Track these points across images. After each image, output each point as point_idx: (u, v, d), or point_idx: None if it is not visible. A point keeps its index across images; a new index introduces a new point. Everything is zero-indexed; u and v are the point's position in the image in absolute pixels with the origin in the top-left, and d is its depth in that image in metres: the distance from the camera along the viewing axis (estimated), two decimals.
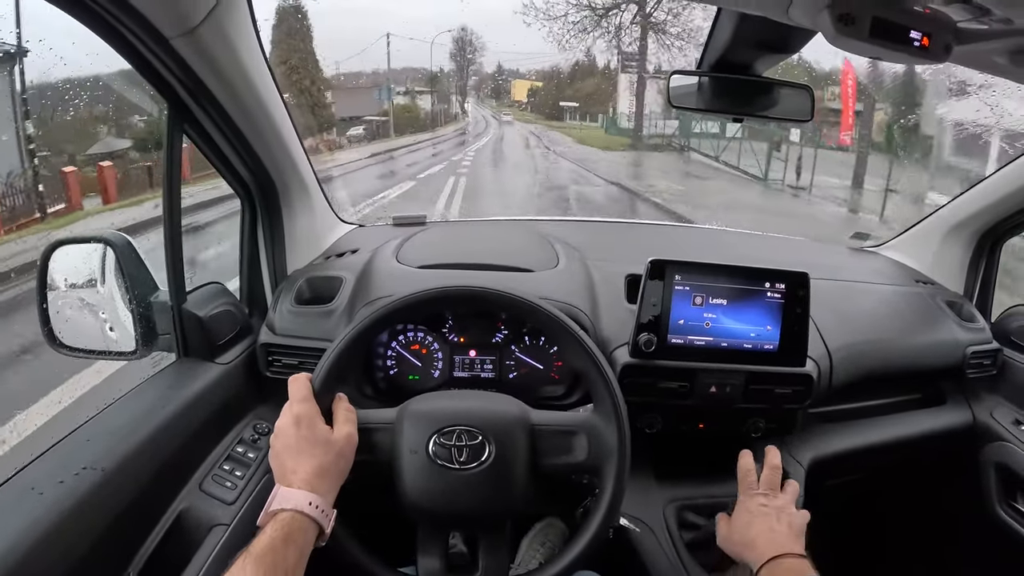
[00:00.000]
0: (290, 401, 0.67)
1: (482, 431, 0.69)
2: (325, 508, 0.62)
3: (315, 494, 0.61)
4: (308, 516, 0.60)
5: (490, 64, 33.08)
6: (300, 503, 0.60)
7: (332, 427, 0.67)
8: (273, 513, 0.59)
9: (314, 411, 0.67)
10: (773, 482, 0.82)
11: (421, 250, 1.12)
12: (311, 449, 0.64)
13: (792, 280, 0.90)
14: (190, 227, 3.10)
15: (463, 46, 30.10)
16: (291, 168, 1.04)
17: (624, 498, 0.71)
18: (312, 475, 0.62)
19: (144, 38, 0.69)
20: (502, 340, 1.02)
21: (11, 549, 0.56)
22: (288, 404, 0.67)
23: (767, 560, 0.72)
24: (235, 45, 0.78)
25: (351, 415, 0.70)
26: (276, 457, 0.65)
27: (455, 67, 30.69)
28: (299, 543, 0.58)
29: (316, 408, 0.67)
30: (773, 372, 0.92)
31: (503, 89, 34.67)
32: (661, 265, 0.89)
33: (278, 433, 0.66)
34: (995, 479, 1.13)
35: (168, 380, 0.87)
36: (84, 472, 0.66)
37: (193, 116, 0.84)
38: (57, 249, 0.89)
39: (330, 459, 0.64)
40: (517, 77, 33.43)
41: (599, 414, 0.73)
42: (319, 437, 0.65)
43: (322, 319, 0.98)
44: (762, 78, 0.92)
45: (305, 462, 0.63)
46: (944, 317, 1.17)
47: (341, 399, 0.71)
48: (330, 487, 0.64)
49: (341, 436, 0.67)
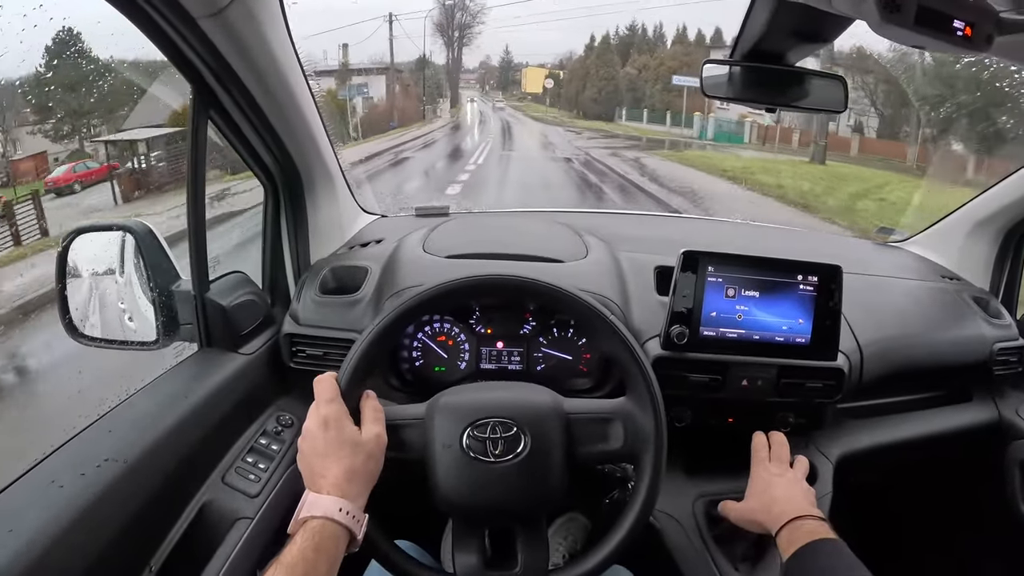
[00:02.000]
0: (316, 402, 0.66)
1: (516, 422, 0.68)
2: (356, 513, 0.60)
3: (345, 499, 0.60)
4: (339, 523, 0.58)
5: (492, 47, 30.68)
6: (330, 510, 0.58)
7: (360, 427, 0.66)
8: (303, 521, 0.58)
9: (342, 412, 0.65)
10: (783, 456, 0.85)
11: (448, 240, 1.10)
12: (339, 451, 0.62)
13: (825, 273, 0.89)
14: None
15: (451, 15, 23.14)
16: (316, 156, 1.02)
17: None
18: (342, 479, 0.61)
19: (171, 18, 0.68)
20: (530, 332, 1.00)
21: (31, 544, 0.54)
22: (315, 405, 0.66)
23: (787, 521, 0.72)
24: (263, 27, 0.76)
25: (379, 414, 0.68)
26: (304, 460, 0.64)
27: (445, 44, 24.02)
28: (330, 552, 0.57)
29: (344, 408, 0.65)
30: (805, 366, 0.91)
31: (511, 80, 30.00)
32: (694, 256, 0.88)
33: (305, 436, 0.64)
34: (1020, 477, 1.12)
35: (191, 370, 0.86)
36: (106, 464, 0.65)
37: (219, 102, 0.83)
38: (78, 237, 0.88)
39: (359, 461, 0.63)
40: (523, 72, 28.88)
41: (634, 401, 0.72)
42: (347, 439, 0.63)
43: (348, 309, 0.97)
44: (795, 68, 0.91)
45: (333, 465, 0.62)
46: (971, 313, 1.16)
47: (369, 397, 0.69)
48: (360, 490, 0.62)
49: (370, 437, 0.65)
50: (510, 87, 30.35)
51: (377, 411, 0.68)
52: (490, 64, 29.98)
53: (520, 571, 0.68)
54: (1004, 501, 1.13)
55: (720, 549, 0.88)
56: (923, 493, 1.37)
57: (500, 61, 31.03)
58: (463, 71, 30.46)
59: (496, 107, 24.66)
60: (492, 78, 30.12)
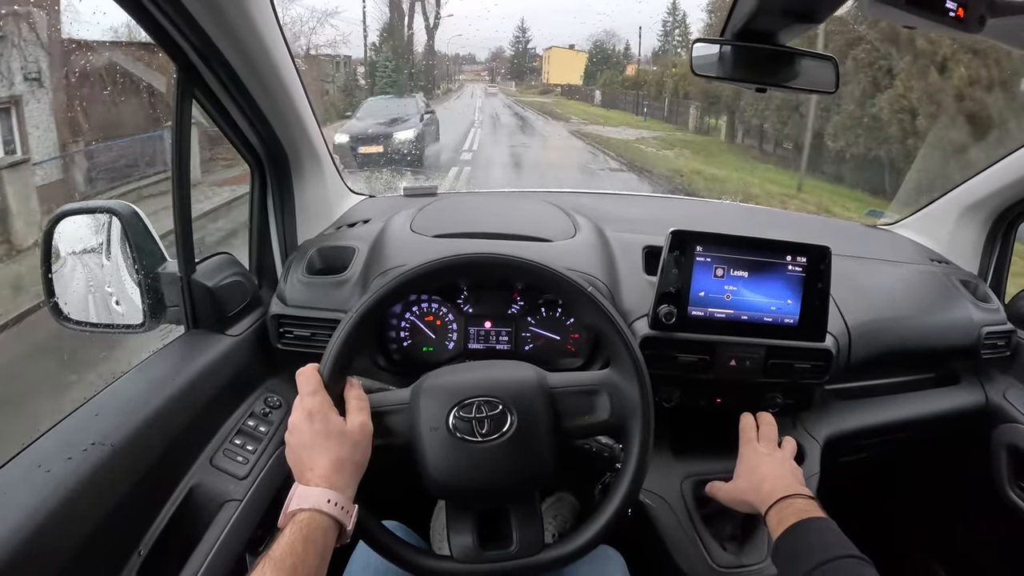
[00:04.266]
0: (300, 396, 0.65)
1: (502, 400, 0.68)
2: (345, 504, 0.60)
3: (333, 491, 0.59)
4: (328, 515, 0.58)
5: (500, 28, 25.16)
6: (318, 502, 0.58)
7: (345, 417, 0.65)
8: (292, 514, 0.58)
9: (326, 403, 0.65)
10: (771, 436, 0.85)
11: (435, 219, 1.09)
12: (325, 443, 0.62)
13: (814, 254, 0.89)
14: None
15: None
16: (302, 135, 1.01)
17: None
18: (330, 470, 0.61)
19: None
20: (518, 311, 1.00)
21: (18, 529, 0.54)
22: (299, 399, 0.65)
23: (776, 501, 0.72)
24: (247, 4, 0.75)
25: (363, 403, 0.67)
26: (292, 454, 0.64)
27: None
28: (319, 544, 0.56)
29: (327, 400, 0.65)
30: (793, 347, 0.91)
31: (527, 68, 21.37)
32: (683, 236, 0.87)
33: (291, 430, 0.64)
34: (1006, 461, 1.12)
35: (177, 353, 0.85)
36: (93, 448, 0.64)
37: (203, 81, 0.82)
38: (63, 219, 0.87)
39: (346, 451, 0.63)
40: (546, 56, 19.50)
41: (618, 371, 0.72)
42: (333, 430, 0.63)
43: (335, 289, 0.97)
44: (786, 48, 0.90)
45: (321, 457, 0.61)
46: (959, 296, 1.16)
47: (352, 386, 0.69)
48: (348, 481, 0.62)
49: (356, 426, 0.65)
50: (527, 76, 22.09)
51: (361, 400, 0.68)
52: (503, 55, 24.69)
53: (516, 549, 0.68)
54: (990, 484, 1.14)
55: (708, 529, 0.89)
56: (910, 475, 1.38)
57: (513, 43, 23.38)
58: (467, 63, 27.50)
59: (488, 92, 19.71)
60: (500, 64, 24.78)
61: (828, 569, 0.61)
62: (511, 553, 0.68)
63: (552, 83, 18.96)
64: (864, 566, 0.62)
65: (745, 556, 0.86)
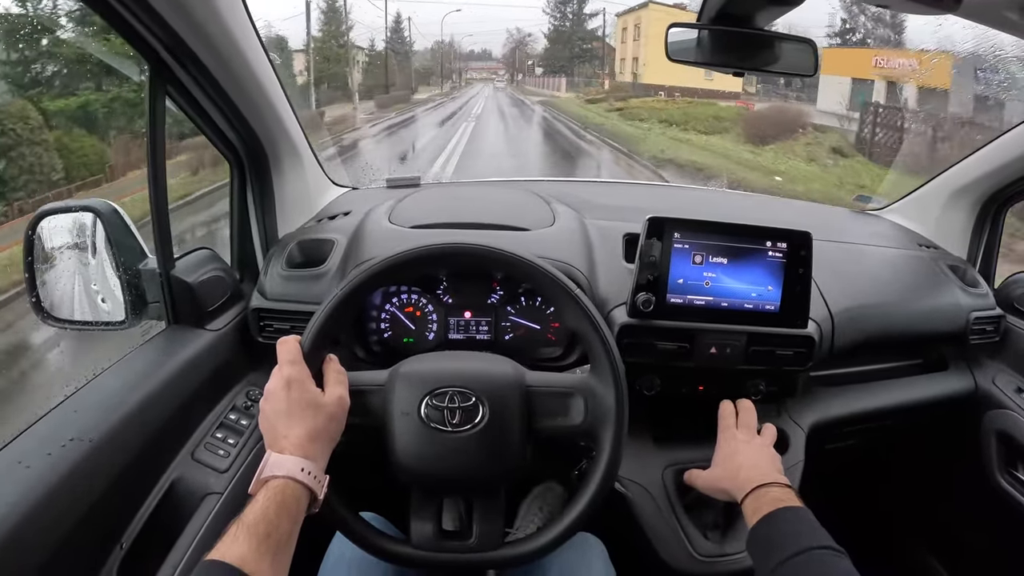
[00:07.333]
0: (279, 364, 0.66)
1: (475, 392, 0.68)
2: (317, 474, 0.60)
3: (307, 460, 0.60)
4: (301, 483, 0.58)
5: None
6: (292, 470, 0.58)
7: (323, 390, 0.66)
8: (264, 480, 0.58)
9: (304, 373, 0.65)
10: (751, 423, 0.86)
11: (414, 210, 1.09)
12: (302, 412, 0.62)
13: (794, 239, 0.88)
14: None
15: None
16: (280, 129, 1.01)
17: (622, 461, 0.70)
18: (304, 439, 0.61)
19: None
20: (497, 301, 1.00)
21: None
22: (278, 367, 0.66)
23: (752, 489, 0.72)
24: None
25: (342, 376, 0.68)
26: (266, 421, 0.64)
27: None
28: (292, 511, 0.57)
29: (306, 370, 0.65)
30: (774, 333, 0.90)
31: (581, 54, 13.54)
32: (660, 222, 0.87)
33: (268, 397, 0.64)
34: (996, 447, 1.12)
35: (158, 348, 0.86)
36: (72, 443, 0.65)
37: (176, 77, 0.81)
38: (44, 218, 0.87)
39: (321, 422, 0.63)
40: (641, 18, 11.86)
41: (596, 376, 0.71)
42: (310, 400, 0.63)
43: (313, 282, 0.97)
44: (764, 31, 0.89)
45: (296, 426, 0.62)
46: (947, 282, 1.15)
47: (332, 360, 0.70)
48: (322, 451, 0.63)
49: (333, 398, 0.65)
50: (577, 65, 13.96)
51: (340, 373, 0.68)
52: (525, 47, 20.69)
53: (474, 542, 0.68)
54: (979, 470, 1.14)
55: (690, 518, 0.89)
56: (898, 462, 1.37)
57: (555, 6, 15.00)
58: (475, 59, 25.33)
59: (497, 87, 16.92)
60: (524, 54, 19.88)
61: (800, 560, 0.61)
62: (468, 546, 0.68)
63: (648, 83, 10.77)
64: (838, 557, 0.61)
65: (727, 545, 0.86)
